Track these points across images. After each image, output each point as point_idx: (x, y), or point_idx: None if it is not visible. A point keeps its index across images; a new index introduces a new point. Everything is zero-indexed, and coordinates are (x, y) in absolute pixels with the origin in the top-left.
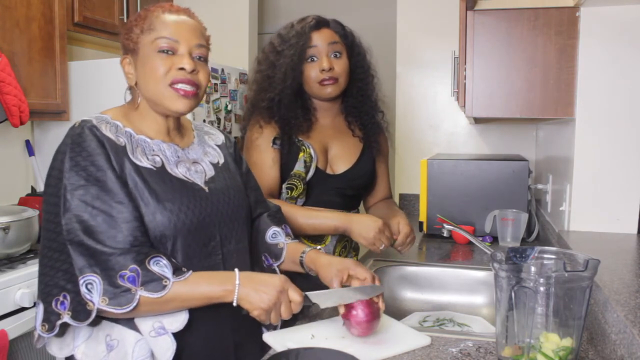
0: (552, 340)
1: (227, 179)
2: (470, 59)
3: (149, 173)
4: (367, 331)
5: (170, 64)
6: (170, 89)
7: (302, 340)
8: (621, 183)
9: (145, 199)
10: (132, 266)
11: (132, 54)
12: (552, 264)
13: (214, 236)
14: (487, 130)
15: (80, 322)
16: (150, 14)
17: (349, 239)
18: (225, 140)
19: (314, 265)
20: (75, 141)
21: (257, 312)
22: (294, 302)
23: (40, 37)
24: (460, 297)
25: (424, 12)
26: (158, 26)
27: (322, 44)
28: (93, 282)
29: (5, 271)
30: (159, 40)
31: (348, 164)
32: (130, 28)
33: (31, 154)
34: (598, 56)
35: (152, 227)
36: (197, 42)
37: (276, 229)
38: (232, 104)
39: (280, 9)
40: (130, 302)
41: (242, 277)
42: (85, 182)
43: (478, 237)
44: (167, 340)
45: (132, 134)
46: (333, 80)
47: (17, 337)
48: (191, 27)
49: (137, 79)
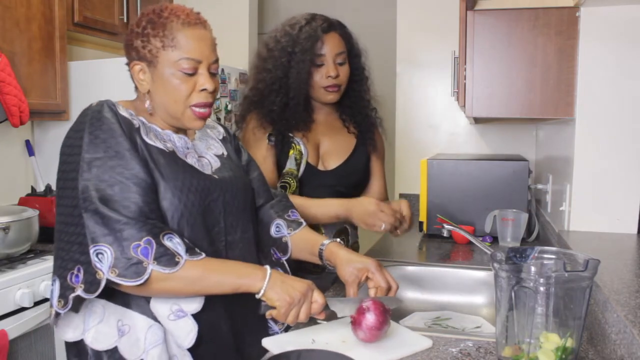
0: (552, 340)
1: (232, 169)
2: (470, 59)
3: (160, 153)
4: (374, 337)
5: (193, 86)
6: (189, 110)
7: (302, 344)
8: (621, 183)
9: (155, 177)
10: (146, 238)
11: (147, 63)
12: (552, 264)
13: (217, 222)
14: (487, 130)
15: (91, 294)
16: (169, 23)
17: (344, 236)
18: (225, 133)
19: (333, 259)
20: (95, 116)
21: (280, 303)
22: (316, 303)
23: (40, 37)
24: (460, 297)
25: (424, 12)
26: (181, 43)
27: (330, 53)
28: (104, 252)
29: (5, 271)
30: (182, 61)
31: (340, 159)
32: (147, 37)
33: (31, 154)
34: (598, 56)
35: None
36: (214, 58)
37: (278, 221)
38: (232, 104)
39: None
40: (141, 275)
41: (273, 272)
42: (104, 153)
43: (478, 237)
44: (188, 323)
45: (144, 121)
46: (337, 88)
47: (17, 337)
48: (210, 43)
49: (151, 89)
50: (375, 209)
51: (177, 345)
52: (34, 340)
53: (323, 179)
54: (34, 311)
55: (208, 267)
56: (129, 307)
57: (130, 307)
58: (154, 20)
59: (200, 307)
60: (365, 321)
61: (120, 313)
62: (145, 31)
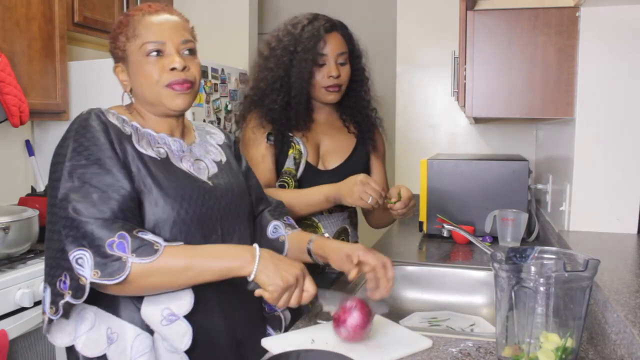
0: (552, 340)
1: (230, 176)
2: (470, 59)
3: (152, 162)
4: (358, 337)
5: (161, 66)
6: (166, 89)
7: (302, 344)
8: (621, 183)
9: (147, 186)
10: (119, 233)
11: (122, 61)
12: (552, 264)
13: (215, 230)
14: (487, 130)
15: (78, 300)
16: (131, 19)
17: (344, 236)
18: (225, 139)
19: (322, 252)
20: (82, 124)
21: (272, 288)
22: (307, 292)
23: (40, 37)
24: (460, 297)
25: (424, 12)
26: (142, 31)
27: (332, 53)
28: (83, 257)
29: (5, 271)
30: (146, 45)
31: (340, 159)
32: (116, 36)
33: (31, 154)
34: (598, 56)
35: (154, 214)
36: (182, 39)
37: (276, 222)
38: (232, 104)
39: (280, 9)
40: (122, 271)
41: (263, 252)
42: (86, 161)
43: (478, 237)
44: (181, 326)
45: (138, 127)
46: (338, 88)
47: (17, 337)
48: (174, 25)
49: (132, 86)
50: (363, 179)
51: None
52: (34, 340)
53: (323, 178)
54: (34, 311)
55: (190, 254)
56: (118, 315)
57: (120, 315)
58: (121, 20)
59: (190, 308)
60: (350, 319)
61: (110, 321)
62: (115, 32)
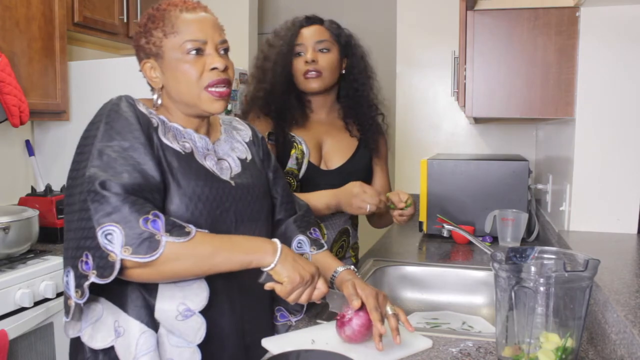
0: (552, 340)
1: (254, 176)
2: (470, 59)
3: (175, 155)
4: (362, 337)
5: (202, 66)
6: (206, 92)
7: (302, 345)
8: (621, 183)
9: (166, 182)
10: (153, 211)
11: (155, 58)
12: (552, 264)
13: (229, 232)
14: (487, 130)
15: (106, 279)
16: (167, 14)
17: (346, 237)
18: (253, 136)
19: (342, 288)
20: (113, 109)
21: (288, 280)
22: (319, 290)
23: (40, 37)
24: (460, 297)
25: (424, 12)
26: (181, 28)
27: (309, 41)
28: (112, 232)
29: (5, 271)
30: (187, 43)
31: (343, 159)
32: (149, 31)
33: (31, 154)
34: (598, 56)
35: (168, 211)
36: (220, 38)
37: (301, 237)
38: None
39: (280, 9)
40: (155, 249)
41: (283, 246)
42: (117, 143)
43: (478, 237)
44: (197, 321)
45: (165, 120)
46: (317, 74)
47: (17, 337)
48: (213, 24)
49: (165, 83)
50: (359, 190)
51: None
52: (34, 340)
53: (325, 178)
54: (34, 311)
55: (217, 241)
56: (125, 310)
57: (126, 311)
58: (153, 14)
59: (205, 303)
60: (356, 318)
61: (117, 314)
62: (147, 27)
